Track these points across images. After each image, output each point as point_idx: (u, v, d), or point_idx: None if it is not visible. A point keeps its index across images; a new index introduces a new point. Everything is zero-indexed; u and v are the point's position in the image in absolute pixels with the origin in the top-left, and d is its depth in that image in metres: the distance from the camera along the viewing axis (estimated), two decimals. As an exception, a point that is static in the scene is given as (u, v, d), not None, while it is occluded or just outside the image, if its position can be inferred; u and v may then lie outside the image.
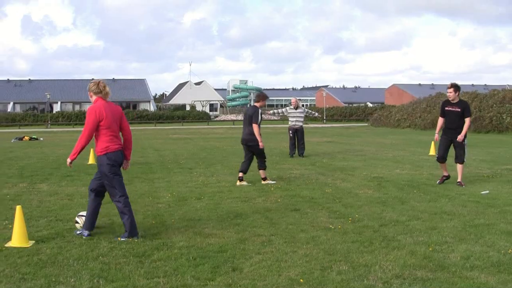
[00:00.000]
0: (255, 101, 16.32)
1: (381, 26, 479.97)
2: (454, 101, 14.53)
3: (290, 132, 24.02)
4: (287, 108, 24.59)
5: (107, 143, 9.15)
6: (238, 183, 15.52)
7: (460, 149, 14.55)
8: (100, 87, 9.35)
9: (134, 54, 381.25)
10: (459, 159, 14.71)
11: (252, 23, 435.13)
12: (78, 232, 9.39)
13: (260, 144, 15.45)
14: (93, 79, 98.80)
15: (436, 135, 15.36)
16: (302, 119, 24.28)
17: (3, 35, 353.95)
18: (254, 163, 15.72)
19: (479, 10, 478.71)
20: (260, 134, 15.57)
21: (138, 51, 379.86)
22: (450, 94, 14.54)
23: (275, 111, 25.62)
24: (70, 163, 9.52)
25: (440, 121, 15.04)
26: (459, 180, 14.78)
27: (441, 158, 14.92)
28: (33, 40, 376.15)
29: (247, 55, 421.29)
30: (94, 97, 9.39)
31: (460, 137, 14.53)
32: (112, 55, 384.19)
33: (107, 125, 9.12)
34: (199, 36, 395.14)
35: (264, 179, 15.77)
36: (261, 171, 15.81)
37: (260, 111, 15.76)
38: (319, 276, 7.01)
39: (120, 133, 9.46)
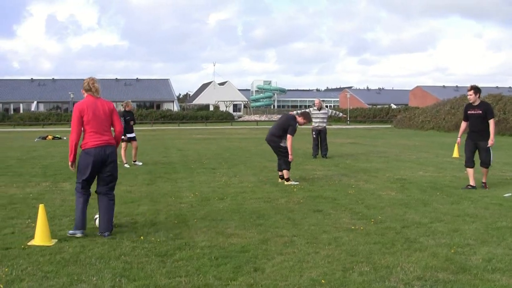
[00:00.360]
0: (299, 115, 16.26)
1: (406, 27, 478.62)
2: (475, 104, 14.42)
3: (314, 133, 24.04)
4: (310, 109, 24.55)
5: (86, 139, 9.37)
6: (285, 182, 15.66)
7: (485, 152, 14.38)
8: (90, 85, 9.53)
9: (158, 54, 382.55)
10: (484, 163, 14.56)
11: (277, 24, 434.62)
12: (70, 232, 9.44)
13: (290, 157, 15.67)
14: (116, 78, 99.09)
15: (458, 139, 15.28)
16: (325, 120, 24.28)
17: (28, 35, 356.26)
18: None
19: (506, 12, 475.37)
20: (292, 147, 15.72)
21: (163, 51, 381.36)
22: (471, 96, 14.46)
23: (299, 111, 25.56)
24: (71, 165, 9.53)
25: (463, 125, 14.96)
26: (483, 180, 14.70)
27: (468, 162, 14.74)
28: (57, 39, 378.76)
29: (271, 55, 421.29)
30: (85, 94, 9.61)
31: (490, 142, 14.35)
32: (136, 55, 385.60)
33: (87, 121, 9.31)
34: (223, 36, 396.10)
35: (287, 179, 15.74)
36: (284, 171, 15.83)
37: (297, 126, 15.84)
38: (341, 277, 7.01)
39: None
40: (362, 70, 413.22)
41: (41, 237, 8.72)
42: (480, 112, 14.35)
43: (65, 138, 40.19)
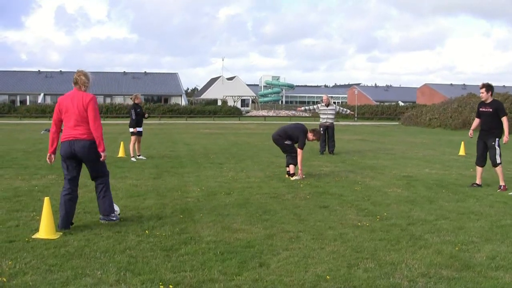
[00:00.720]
0: (311, 131, 16.06)
1: (416, 25, 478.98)
2: (487, 101, 14.40)
3: (321, 129, 23.97)
4: (318, 105, 24.66)
5: (63, 133, 9.51)
6: (291, 178, 15.78)
7: (492, 149, 14.34)
8: (76, 78, 9.59)
9: (167, 48, 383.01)
10: (493, 162, 14.50)
11: (287, 20, 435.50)
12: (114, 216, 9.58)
13: (300, 174, 15.85)
14: (124, 72, 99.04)
15: (471, 130, 15.17)
16: (333, 117, 24.24)
17: (37, 27, 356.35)
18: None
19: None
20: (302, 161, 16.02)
21: (172, 45, 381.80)
22: (483, 94, 14.41)
23: (307, 107, 25.41)
24: (48, 157, 9.72)
25: (476, 121, 14.95)
26: (500, 183, 14.40)
27: (478, 160, 14.73)
28: (66, 32, 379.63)
29: (280, 51, 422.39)
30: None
31: (505, 138, 14.40)
32: (146, 49, 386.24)
33: (63, 114, 9.46)
34: (233, 31, 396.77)
35: (292, 175, 15.85)
36: (290, 166, 15.98)
37: (306, 139, 15.95)
38: (346, 273, 7.03)
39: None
40: (371, 67, 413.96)
41: (45, 230, 8.75)
42: (491, 110, 14.33)
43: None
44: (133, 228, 9.34)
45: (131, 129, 21.09)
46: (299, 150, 15.75)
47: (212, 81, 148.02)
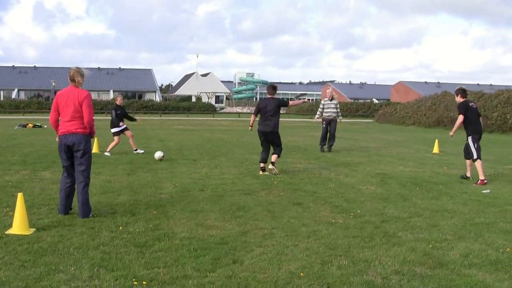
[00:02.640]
0: (272, 92, 16.42)
1: (395, 23, 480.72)
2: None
3: (324, 123, 24.34)
4: (322, 101, 24.98)
5: (59, 126, 9.95)
6: (261, 172, 16.10)
7: (467, 147, 15.23)
8: (73, 75, 9.97)
9: (145, 44, 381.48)
10: (471, 157, 15.39)
11: (266, 16, 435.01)
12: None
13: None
14: (99, 67, 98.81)
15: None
16: (336, 111, 24.36)
17: (14, 22, 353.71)
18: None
19: (493, 12, 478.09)
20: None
21: (150, 41, 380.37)
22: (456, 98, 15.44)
23: (319, 112, 25.19)
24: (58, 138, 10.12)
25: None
26: (479, 177, 14.99)
27: (463, 153, 16.08)
28: (44, 27, 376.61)
29: (257, 48, 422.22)
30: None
31: (451, 133, 16.00)
32: (123, 45, 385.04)
33: (61, 109, 9.87)
34: (211, 28, 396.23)
35: (273, 163, 16.06)
36: (274, 155, 16.21)
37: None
38: (319, 270, 7.04)
39: None
40: (347, 64, 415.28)
41: (19, 226, 8.67)
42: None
43: (45, 126, 40.03)
44: (107, 224, 9.30)
45: (113, 130, 21.38)
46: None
47: (187, 77, 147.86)
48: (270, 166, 16.05)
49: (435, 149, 24.36)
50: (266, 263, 7.32)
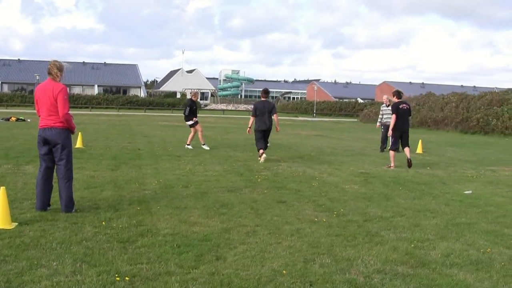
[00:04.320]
0: (265, 96, 19.61)
1: (385, 23, 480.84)
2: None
3: (382, 127, 24.94)
4: (381, 107, 25.76)
5: (40, 120, 9.86)
6: (262, 159, 18.47)
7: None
8: (49, 68, 9.94)
9: (133, 39, 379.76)
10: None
11: (256, 14, 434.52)
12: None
13: (278, 128, 19.45)
14: (84, 62, 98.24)
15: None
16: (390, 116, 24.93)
17: (2, 15, 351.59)
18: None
19: (482, 14, 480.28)
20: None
21: (138, 36, 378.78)
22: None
23: (379, 120, 26.06)
24: None
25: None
26: (390, 164, 18.41)
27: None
28: (32, 20, 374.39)
29: (245, 45, 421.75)
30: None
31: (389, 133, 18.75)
32: (112, 39, 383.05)
33: (38, 104, 9.81)
34: (201, 24, 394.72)
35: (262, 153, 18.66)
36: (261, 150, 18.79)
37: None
38: (302, 268, 7.06)
39: None
40: (335, 63, 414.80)
41: (1, 220, 8.61)
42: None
43: (29, 120, 39.90)
44: (90, 220, 9.28)
45: (189, 122, 22.89)
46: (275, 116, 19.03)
47: (172, 73, 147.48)
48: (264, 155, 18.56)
49: (419, 150, 24.46)
50: (249, 260, 7.34)
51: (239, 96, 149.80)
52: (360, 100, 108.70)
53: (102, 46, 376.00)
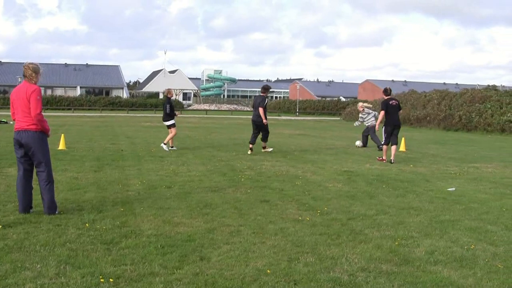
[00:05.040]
0: (262, 92, 21.82)
1: (368, 22, 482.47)
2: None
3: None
4: (360, 115, 27.03)
5: (15, 123, 9.80)
6: (249, 152, 21.18)
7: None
8: (24, 71, 9.78)
9: (116, 40, 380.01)
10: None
11: (239, 14, 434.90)
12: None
13: (264, 121, 21.32)
14: (66, 63, 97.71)
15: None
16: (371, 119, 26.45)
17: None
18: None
19: (464, 11, 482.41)
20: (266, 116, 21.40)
21: (121, 37, 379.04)
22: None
23: (359, 123, 27.47)
24: None
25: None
26: (383, 156, 19.85)
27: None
28: (14, 22, 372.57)
29: (228, 45, 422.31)
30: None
31: (376, 128, 20.81)
32: (94, 41, 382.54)
33: (14, 106, 9.74)
34: (183, 24, 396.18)
35: (264, 147, 21.80)
36: (263, 142, 21.81)
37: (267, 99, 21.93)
38: (286, 267, 7.07)
39: None
40: (317, 62, 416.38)
41: (-16, 223, 8.61)
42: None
43: (11, 122, 39.68)
44: (73, 221, 9.25)
45: (171, 122, 22.55)
46: (260, 108, 21.26)
47: (154, 74, 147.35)
48: (263, 150, 21.64)
49: (402, 147, 24.50)
50: (233, 260, 7.34)
51: (222, 96, 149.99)
52: (342, 99, 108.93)
53: (85, 47, 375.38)
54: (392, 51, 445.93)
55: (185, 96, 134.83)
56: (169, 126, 22.51)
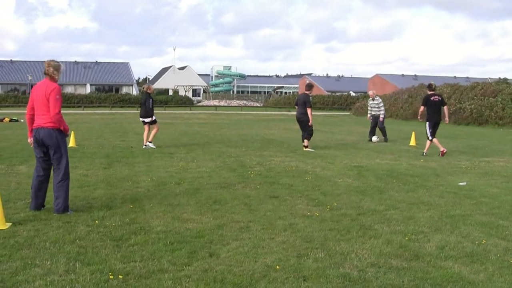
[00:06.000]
0: (306, 89, 21.88)
1: (378, 17, 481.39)
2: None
3: (371, 119, 27.46)
4: (368, 101, 28.26)
5: (34, 120, 9.79)
6: (304, 149, 21.26)
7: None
8: (45, 68, 9.74)
9: (126, 37, 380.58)
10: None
11: (248, 9, 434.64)
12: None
13: (310, 122, 21.34)
14: (75, 61, 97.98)
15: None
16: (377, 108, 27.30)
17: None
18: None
19: (476, 4, 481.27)
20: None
21: (131, 34, 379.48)
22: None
23: (369, 112, 27.88)
24: (30, 140, 9.97)
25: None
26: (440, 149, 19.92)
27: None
28: (25, 20, 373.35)
29: (238, 41, 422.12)
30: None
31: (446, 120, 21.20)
32: (104, 38, 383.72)
33: (34, 104, 9.73)
34: (193, 21, 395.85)
35: (306, 146, 21.28)
36: (305, 140, 21.36)
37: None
38: (295, 263, 7.05)
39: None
40: (326, 57, 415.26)
41: (-5, 220, 8.62)
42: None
43: (22, 120, 39.79)
44: (83, 218, 9.26)
45: (152, 118, 21.65)
46: (308, 108, 21.27)
47: (164, 70, 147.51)
48: (304, 149, 21.12)
49: (412, 142, 24.47)
50: (242, 256, 7.32)
51: (231, 92, 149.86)
52: (352, 93, 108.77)
53: (95, 45, 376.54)
54: (403, 45, 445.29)
55: (195, 92, 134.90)
56: (149, 123, 21.63)
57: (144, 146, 21.32)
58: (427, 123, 20.02)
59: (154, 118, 21.73)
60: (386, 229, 8.95)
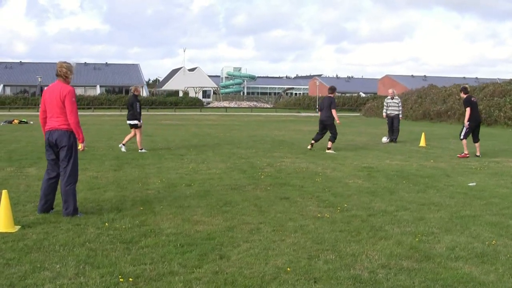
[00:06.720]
0: (330, 93, 22.21)
1: (389, 17, 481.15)
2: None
3: (387, 119, 27.56)
4: (386, 100, 28.49)
5: (47, 123, 9.77)
6: (309, 147, 22.18)
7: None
8: (57, 69, 9.75)
9: (137, 39, 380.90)
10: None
11: (259, 10, 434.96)
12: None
13: (338, 121, 21.82)
14: (85, 62, 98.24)
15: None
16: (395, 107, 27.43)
17: (6, 17, 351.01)
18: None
19: (486, 4, 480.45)
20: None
21: (142, 36, 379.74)
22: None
23: (385, 110, 28.08)
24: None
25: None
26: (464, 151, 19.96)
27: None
28: (37, 22, 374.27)
29: (249, 42, 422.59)
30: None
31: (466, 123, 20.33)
32: (116, 40, 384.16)
33: (46, 106, 9.71)
34: (204, 22, 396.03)
35: (329, 148, 21.31)
36: (329, 142, 21.48)
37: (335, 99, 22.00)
38: (306, 265, 7.03)
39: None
40: (337, 58, 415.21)
41: (4, 223, 8.60)
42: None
43: (31, 122, 39.90)
44: (93, 221, 9.26)
45: (139, 122, 21.14)
46: (333, 110, 21.56)
47: (174, 72, 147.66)
48: (327, 151, 21.13)
49: (422, 143, 24.42)
50: (253, 258, 7.31)
51: (242, 93, 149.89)
52: (362, 94, 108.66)
53: (106, 47, 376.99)
54: (413, 46, 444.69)
55: (205, 93, 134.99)
56: (135, 126, 21.05)
57: (140, 150, 20.81)
58: (468, 123, 19.86)
59: (141, 122, 21.22)
60: (397, 230, 8.93)
